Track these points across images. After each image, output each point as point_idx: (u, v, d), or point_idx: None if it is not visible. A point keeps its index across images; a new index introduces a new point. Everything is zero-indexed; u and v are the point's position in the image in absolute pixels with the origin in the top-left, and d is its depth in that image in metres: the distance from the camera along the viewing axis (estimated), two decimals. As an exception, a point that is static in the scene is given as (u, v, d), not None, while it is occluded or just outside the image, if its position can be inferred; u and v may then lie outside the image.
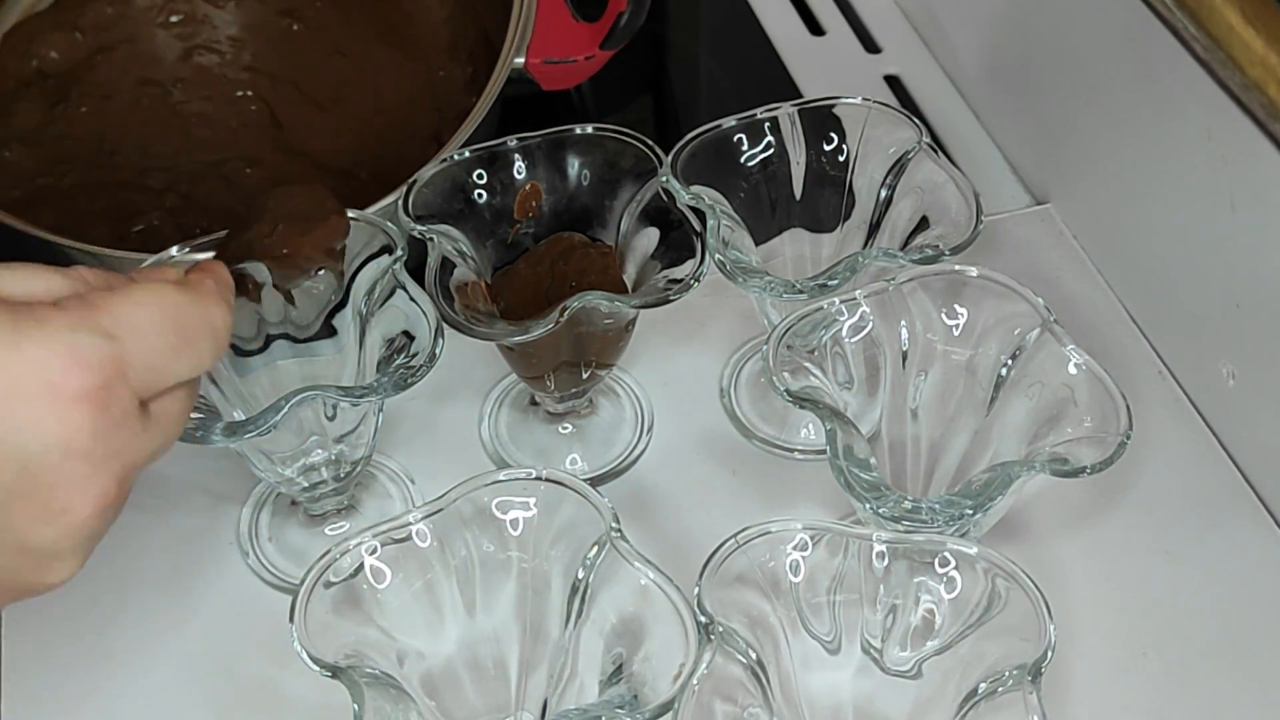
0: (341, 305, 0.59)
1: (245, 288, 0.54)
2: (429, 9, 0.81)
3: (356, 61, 0.82)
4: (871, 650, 0.53)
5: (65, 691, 0.58)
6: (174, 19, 0.82)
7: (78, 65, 0.80)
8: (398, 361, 0.55)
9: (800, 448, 0.66)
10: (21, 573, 0.44)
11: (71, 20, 0.80)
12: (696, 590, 0.49)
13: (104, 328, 0.42)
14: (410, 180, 0.60)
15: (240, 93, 0.82)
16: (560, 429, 0.66)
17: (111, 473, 0.43)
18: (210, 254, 0.55)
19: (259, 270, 0.55)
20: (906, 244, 0.61)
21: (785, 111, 0.63)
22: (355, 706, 0.46)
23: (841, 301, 0.58)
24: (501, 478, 0.52)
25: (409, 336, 0.56)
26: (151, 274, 0.48)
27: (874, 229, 0.63)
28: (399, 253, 0.56)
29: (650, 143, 0.61)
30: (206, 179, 0.79)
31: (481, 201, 0.62)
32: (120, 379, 0.42)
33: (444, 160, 0.61)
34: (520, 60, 0.72)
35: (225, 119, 0.81)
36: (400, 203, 0.59)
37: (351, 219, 0.58)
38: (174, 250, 0.57)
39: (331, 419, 0.57)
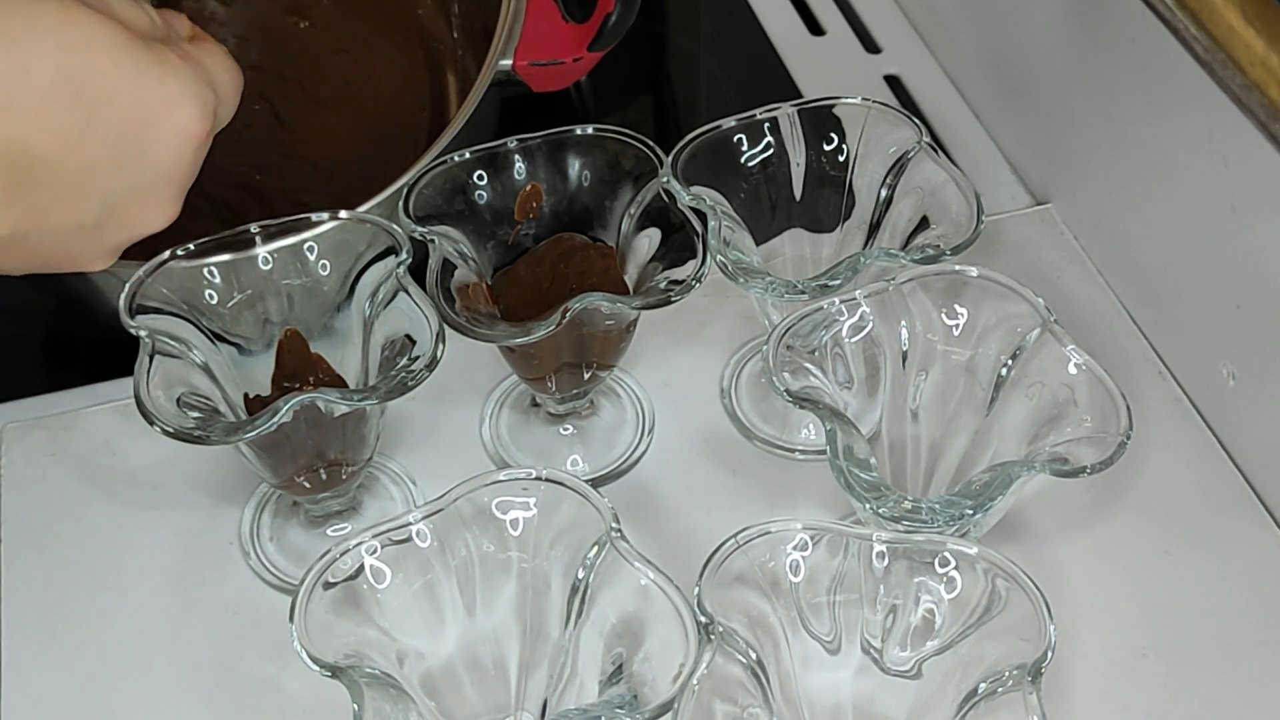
0: (346, 306, 0.59)
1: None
2: (433, 8, 0.81)
3: (360, 60, 0.82)
4: (871, 650, 0.53)
5: (65, 691, 0.58)
6: None
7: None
8: (399, 364, 0.55)
9: (800, 448, 0.66)
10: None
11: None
12: (696, 590, 0.49)
13: (212, 83, 0.55)
14: (398, 186, 0.60)
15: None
16: (561, 430, 0.66)
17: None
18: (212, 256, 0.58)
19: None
20: (907, 244, 0.61)
21: (785, 111, 0.63)
22: (355, 706, 0.46)
23: (841, 301, 0.57)
24: (501, 478, 0.52)
25: (411, 340, 0.56)
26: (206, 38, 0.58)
27: (874, 229, 0.63)
28: (403, 255, 0.56)
29: (650, 143, 0.61)
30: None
31: (482, 203, 0.61)
32: (213, 127, 0.55)
33: (443, 161, 0.61)
34: (507, 62, 0.71)
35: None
36: (400, 204, 0.59)
37: (357, 221, 0.58)
38: (168, 253, 0.57)
39: (334, 420, 0.57)
